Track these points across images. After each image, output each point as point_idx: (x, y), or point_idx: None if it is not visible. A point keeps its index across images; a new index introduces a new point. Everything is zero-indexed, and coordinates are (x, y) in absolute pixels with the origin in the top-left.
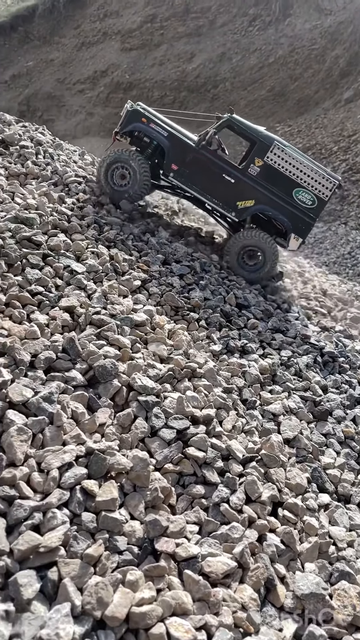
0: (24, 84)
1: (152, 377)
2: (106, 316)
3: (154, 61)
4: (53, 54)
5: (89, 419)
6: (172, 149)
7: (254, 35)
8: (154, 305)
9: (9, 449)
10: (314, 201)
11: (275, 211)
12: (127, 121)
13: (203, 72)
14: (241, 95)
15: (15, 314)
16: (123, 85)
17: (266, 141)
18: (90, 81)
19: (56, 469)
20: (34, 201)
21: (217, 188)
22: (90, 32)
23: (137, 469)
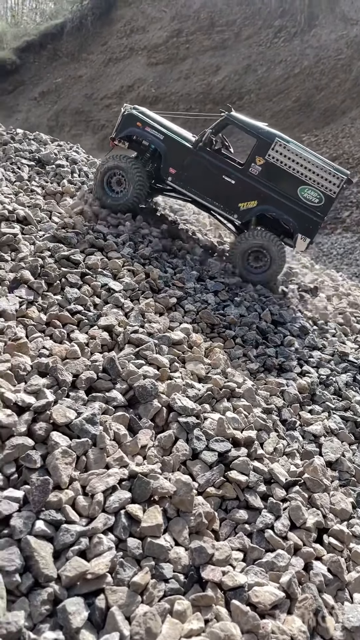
0: (53, 100)
1: (192, 398)
2: (144, 335)
3: (179, 75)
4: (81, 71)
5: (131, 441)
6: (169, 152)
7: (280, 47)
8: (190, 322)
9: (54, 471)
10: (320, 199)
11: (280, 211)
12: (122, 126)
13: (228, 84)
14: (266, 107)
15: (56, 333)
16: (149, 99)
17: (267, 138)
18: (116, 96)
19: (101, 492)
20: (71, 220)
21: (217, 190)
22: (117, 48)
23: (181, 493)
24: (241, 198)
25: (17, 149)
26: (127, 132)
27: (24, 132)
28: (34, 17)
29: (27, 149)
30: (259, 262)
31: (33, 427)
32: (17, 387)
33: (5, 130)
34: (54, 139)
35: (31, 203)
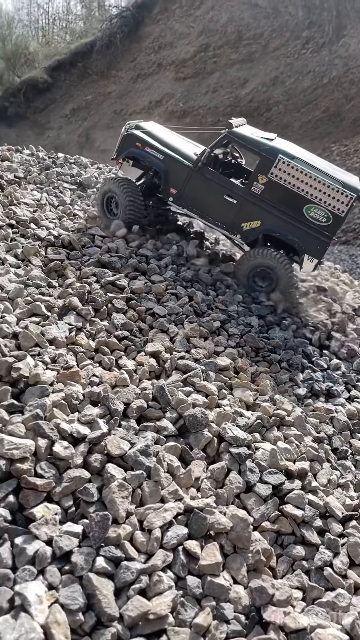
0: (83, 117)
1: (242, 427)
2: (190, 360)
3: (207, 88)
4: (110, 87)
5: (185, 474)
6: (169, 172)
7: (307, 58)
8: (235, 346)
9: (111, 505)
10: (328, 218)
11: (284, 231)
12: (121, 146)
13: (256, 96)
14: (295, 117)
15: (105, 360)
16: (177, 113)
17: (269, 155)
18: (145, 111)
19: (158, 528)
20: (114, 244)
21: (219, 210)
22: (145, 64)
23: (238, 529)
24: (244, 218)
25: (59, 173)
26: (126, 153)
27: (65, 156)
28: (64, 37)
29: (69, 172)
30: (264, 281)
31: (88, 458)
32: (71, 417)
33: (47, 155)
34: (93, 162)
35: (74, 227)
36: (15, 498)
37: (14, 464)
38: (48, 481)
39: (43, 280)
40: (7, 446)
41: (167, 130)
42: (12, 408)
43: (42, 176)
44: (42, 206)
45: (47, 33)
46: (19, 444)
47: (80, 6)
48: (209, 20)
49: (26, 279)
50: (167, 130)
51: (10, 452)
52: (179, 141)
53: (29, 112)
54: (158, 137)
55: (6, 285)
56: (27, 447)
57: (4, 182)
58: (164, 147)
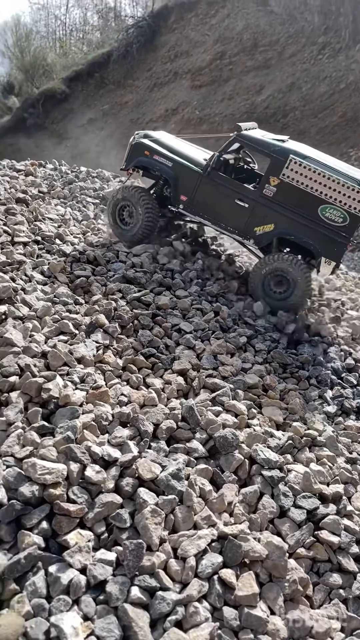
0: (100, 126)
1: (273, 448)
2: (218, 378)
3: (223, 96)
4: (127, 97)
5: (218, 498)
6: (179, 179)
7: (324, 63)
8: (262, 362)
9: (144, 531)
10: (345, 218)
11: (299, 234)
12: (130, 156)
13: (272, 102)
14: (312, 123)
15: (132, 378)
16: (193, 121)
17: (280, 156)
18: (162, 119)
19: (193, 556)
20: (138, 259)
21: (231, 215)
22: (161, 73)
23: (274, 557)
24: (257, 222)
25: (82, 188)
26: (135, 162)
27: (87, 170)
28: (82, 47)
29: (91, 187)
30: (280, 287)
31: (120, 482)
32: (102, 439)
33: (70, 169)
34: (115, 174)
35: (99, 242)
36: (48, 524)
37: (47, 489)
38: (81, 507)
39: (69, 297)
40: (39, 471)
41: (177, 139)
42: (43, 430)
43: (66, 191)
44: (67, 221)
45: (65, 44)
46: (51, 469)
47: (96, 17)
48: (224, 28)
49: (53, 296)
50: (177, 138)
51: (43, 477)
52: (189, 148)
53: (47, 122)
54: (167, 144)
55: (34, 304)
56: (59, 471)
57: (29, 197)
58: (173, 154)
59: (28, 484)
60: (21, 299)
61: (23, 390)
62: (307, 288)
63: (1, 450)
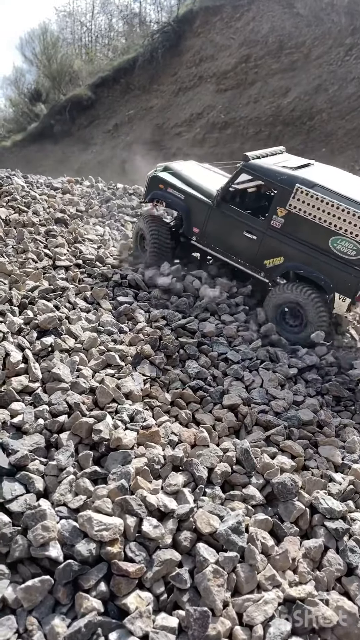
0: (126, 132)
1: (335, 495)
2: (271, 415)
3: (248, 99)
4: (152, 102)
5: (281, 555)
6: (191, 211)
7: (351, 65)
8: (315, 395)
9: (207, 594)
10: (358, 251)
11: (309, 268)
12: (147, 189)
13: (298, 105)
14: (339, 125)
15: (182, 415)
16: (218, 125)
17: (286, 186)
18: (186, 124)
19: (260, 624)
20: (180, 284)
21: (240, 247)
22: (186, 77)
23: (345, 625)
24: (266, 255)
25: (120, 206)
26: (151, 195)
27: (124, 187)
28: (107, 53)
29: (129, 204)
30: (295, 319)
31: (178, 537)
32: (155, 485)
33: (106, 186)
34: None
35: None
36: (106, 585)
37: (105, 547)
38: (140, 566)
39: (114, 325)
40: (96, 527)
41: (202, 168)
42: (95, 476)
43: (104, 209)
44: (106, 242)
45: (90, 51)
46: (108, 525)
47: (122, 23)
48: (249, 31)
49: (97, 324)
50: (203, 167)
51: (100, 533)
52: (209, 178)
53: (73, 128)
54: (184, 176)
55: (80, 335)
56: (116, 527)
57: (67, 216)
58: (188, 185)
59: (85, 542)
60: (66, 329)
61: (73, 431)
62: (320, 321)
63: (54, 499)
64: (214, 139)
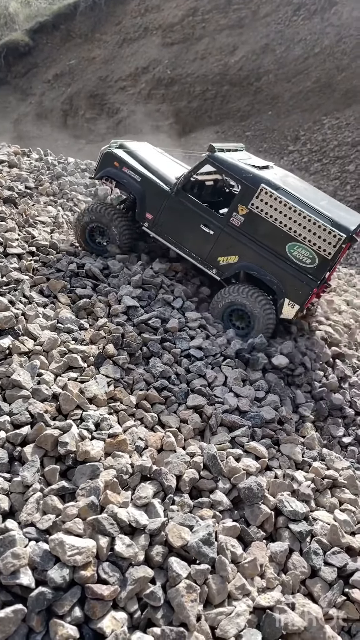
0: (67, 83)
1: (298, 497)
2: (236, 415)
3: (195, 55)
4: (94, 52)
5: (250, 563)
6: (146, 195)
7: (299, 25)
8: (268, 390)
9: (180, 610)
10: (313, 259)
11: (263, 270)
12: (99, 166)
13: (246, 64)
14: (285, 88)
15: (147, 418)
16: (164, 81)
17: (251, 184)
18: (131, 78)
19: (233, 637)
20: (139, 277)
21: (195, 241)
22: (131, 28)
23: (312, 630)
24: (221, 252)
25: (72, 183)
26: (104, 172)
27: (75, 162)
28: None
29: (82, 182)
30: (241, 322)
31: (150, 552)
32: (125, 496)
33: (56, 159)
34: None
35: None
36: (81, 610)
37: (78, 572)
38: (114, 588)
39: (74, 322)
40: (69, 552)
41: (158, 153)
42: (63, 491)
43: (55, 186)
44: (60, 225)
45: None
46: (81, 548)
47: None
48: None
49: (56, 321)
50: (159, 152)
51: (73, 558)
52: (165, 163)
53: (10, 76)
54: (140, 157)
55: (39, 335)
56: (89, 550)
57: (16, 194)
58: (144, 168)
59: (57, 567)
60: (24, 328)
61: (37, 444)
62: (268, 326)
63: (21, 519)
64: (160, 95)
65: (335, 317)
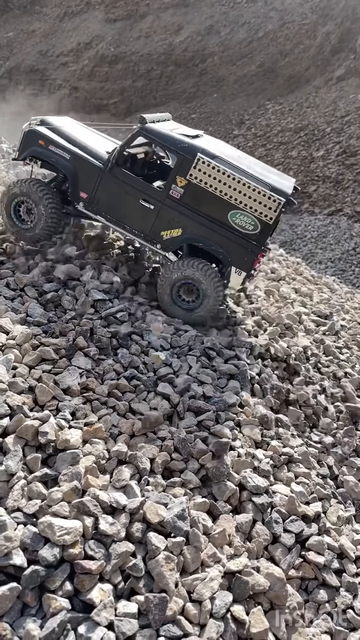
0: (5, 56)
1: (259, 473)
2: (201, 401)
3: (139, 33)
4: (34, 25)
5: (220, 533)
6: (78, 173)
7: (243, 8)
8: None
9: (160, 578)
10: (255, 225)
11: (208, 241)
12: (22, 146)
13: (191, 45)
14: (230, 71)
15: (119, 406)
16: (108, 58)
17: (187, 154)
18: (73, 54)
19: (208, 599)
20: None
21: (135, 217)
22: (72, 1)
23: (276, 589)
24: (163, 226)
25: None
26: (28, 152)
27: None
28: None
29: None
30: (190, 295)
31: (130, 529)
32: (103, 480)
33: (11, 147)
34: None
35: None
36: (71, 583)
37: (67, 550)
38: (101, 562)
39: (43, 316)
40: (58, 532)
41: (83, 127)
42: (45, 478)
43: (12, 175)
44: None
45: None
46: (69, 528)
47: None
48: None
49: (26, 315)
50: (83, 126)
51: (62, 538)
52: (93, 138)
53: None
54: (66, 134)
55: (11, 329)
56: (76, 530)
57: None
58: (72, 144)
59: (48, 547)
60: None
61: (18, 434)
62: (218, 297)
63: (8, 505)
64: (103, 73)
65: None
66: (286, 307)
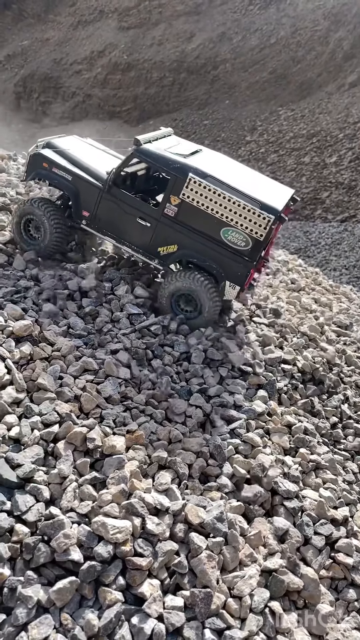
0: (19, 64)
1: (289, 478)
2: (232, 409)
3: (152, 41)
4: (48, 33)
5: (255, 535)
6: (80, 193)
7: (255, 15)
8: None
9: (203, 575)
10: (247, 242)
11: (202, 256)
12: (29, 169)
13: (203, 52)
14: (242, 77)
15: (156, 414)
16: (121, 66)
17: (180, 175)
18: (87, 62)
19: (248, 595)
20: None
21: (133, 234)
22: (86, 10)
23: (310, 589)
24: (160, 242)
25: None
26: (33, 175)
27: None
28: None
29: None
30: (189, 305)
31: (174, 529)
32: (146, 484)
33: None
34: None
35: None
36: (123, 578)
37: (119, 547)
38: (149, 559)
39: (83, 329)
40: (111, 531)
41: (88, 145)
42: (94, 481)
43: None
44: None
45: None
46: (120, 528)
47: None
48: None
49: (67, 327)
50: (89, 144)
51: (115, 536)
52: (96, 157)
53: None
54: (70, 155)
55: (55, 341)
56: (127, 529)
57: (8, 200)
58: (75, 165)
59: (102, 544)
60: (41, 335)
61: (68, 440)
62: (214, 307)
63: (62, 506)
64: (116, 80)
65: None
66: (307, 318)
